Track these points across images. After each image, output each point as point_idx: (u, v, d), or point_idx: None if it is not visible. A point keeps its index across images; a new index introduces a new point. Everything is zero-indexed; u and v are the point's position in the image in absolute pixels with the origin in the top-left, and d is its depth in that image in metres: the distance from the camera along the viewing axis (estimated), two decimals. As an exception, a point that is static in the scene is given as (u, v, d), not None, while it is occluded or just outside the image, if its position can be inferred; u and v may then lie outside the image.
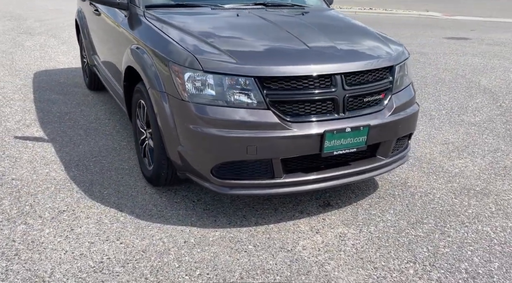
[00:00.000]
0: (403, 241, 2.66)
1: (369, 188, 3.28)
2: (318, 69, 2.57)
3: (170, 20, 3.03)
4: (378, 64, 2.78)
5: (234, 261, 2.42)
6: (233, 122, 2.48)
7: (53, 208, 2.89)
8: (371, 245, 2.60)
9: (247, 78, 2.47)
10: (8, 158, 3.62)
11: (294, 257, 2.48)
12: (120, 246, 2.52)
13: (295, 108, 2.56)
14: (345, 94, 2.63)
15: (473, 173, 3.58)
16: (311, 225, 2.79)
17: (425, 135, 4.42)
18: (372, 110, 2.77)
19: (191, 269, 2.35)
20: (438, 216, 2.93)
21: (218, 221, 2.80)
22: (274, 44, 2.81)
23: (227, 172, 2.60)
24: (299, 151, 2.57)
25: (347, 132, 2.61)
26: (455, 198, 3.16)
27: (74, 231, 2.65)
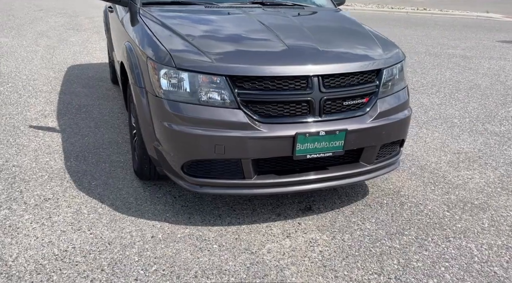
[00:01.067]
0: (375, 251, 2.55)
1: (358, 194, 3.17)
2: (293, 70, 2.51)
3: (159, 17, 3.07)
4: (362, 67, 2.68)
5: (194, 259, 2.42)
6: (204, 121, 2.48)
7: (40, 196, 3.00)
8: (339, 253, 2.52)
9: (219, 77, 2.46)
10: (16, 146, 3.81)
11: (256, 259, 2.44)
12: (89, 236, 2.58)
13: (267, 109, 2.52)
14: (322, 96, 2.55)
15: (477, 186, 3.37)
16: (284, 229, 2.73)
17: (439, 143, 4.21)
18: (353, 114, 2.67)
19: (148, 264, 2.37)
20: (422, 228, 2.79)
21: (192, 219, 2.80)
22: (253, 44, 2.78)
23: (198, 170, 2.60)
24: (269, 153, 2.53)
25: (321, 135, 2.53)
26: (447, 211, 3.00)
27: (51, 219, 2.74)
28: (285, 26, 3.04)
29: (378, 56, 2.81)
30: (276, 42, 2.72)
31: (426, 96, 5.87)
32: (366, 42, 3.01)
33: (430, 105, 5.49)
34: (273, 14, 3.31)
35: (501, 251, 2.58)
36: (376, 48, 2.89)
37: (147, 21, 3.03)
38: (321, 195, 3.13)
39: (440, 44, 10.20)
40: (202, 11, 3.30)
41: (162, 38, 2.72)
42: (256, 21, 3.02)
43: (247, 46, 2.74)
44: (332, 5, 3.88)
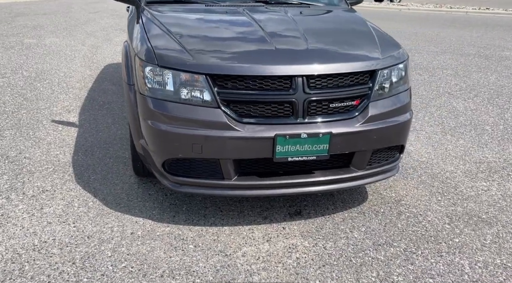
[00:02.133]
0: (355, 262, 2.42)
1: (354, 201, 3.03)
2: (275, 70, 2.43)
3: (157, 15, 3.08)
4: (352, 68, 2.55)
5: (165, 258, 2.40)
6: (184, 119, 2.46)
7: (39, 187, 3.11)
8: (317, 261, 2.41)
9: (199, 75, 2.43)
10: (33, 139, 3.97)
11: (228, 262, 2.38)
12: (71, 229, 2.64)
13: (248, 109, 2.46)
14: (306, 98, 2.45)
15: (490, 199, 3.12)
16: (266, 232, 2.66)
17: (461, 151, 3.95)
18: (340, 117, 2.55)
19: (119, 260, 2.38)
20: (414, 240, 2.61)
21: (176, 217, 2.79)
22: (240, 43, 2.72)
23: (179, 169, 2.58)
24: (248, 154, 2.47)
25: (303, 138, 2.43)
26: (448, 224, 2.79)
27: (42, 210, 2.82)
28: (279, 26, 2.96)
29: (374, 57, 2.66)
30: (264, 42, 2.65)
31: (461, 101, 5.54)
32: (364, 42, 2.87)
33: (463, 110, 5.18)
34: (273, 13, 3.23)
35: (496, 271, 2.36)
36: (374, 48, 2.75)
37: (145, 19, 3.05)
38: (315, 199, 3.02)
39: (494, 46, 9.62)
40: (201, 10, 3.29)
41: (152, 36, 2.73)
42: (250, 20, 2.95)
43: (233, 45, 2.69)
44: (344, 4, 3.73)
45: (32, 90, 5.53)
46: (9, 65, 6.75)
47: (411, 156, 3.78)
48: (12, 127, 4.25)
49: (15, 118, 4.50)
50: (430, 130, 4.45)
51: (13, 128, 4.21)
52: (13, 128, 4.21)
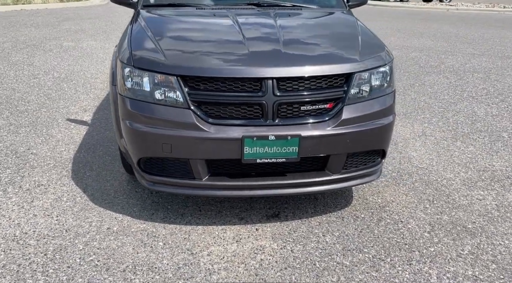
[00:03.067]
0: (319, 266, 2.39)
1: (336, 205, 3.00)
2: (245, 72, 2.45)
3: (147, 18, 3.17)
4: (326, 70, 2.52)
5: (133, 254, 2.48)
6: (156, 119, 2.52)
7: (36, 182, 3.28)
8: (280, 263, 2.40)
9: (171, 77, 2.49)
10: (45, 136, 4.19)
11: (192, 261, 2.42)
12: (53, 222, 2.77)
13: (218, 110, 2.49)
14: (275, 100, 2.46)
15: (482, 208, 2.99)
16: (238, 233, 2.68)
17: (467, 158, 3.80)
18: (311, 120, 2.53)
19: (88, 254, 2.47)
20: (386, 247, 2.55)
21: (154, 215, 2.87)
22: (216, 46, 2.76)
23: (153, 167, 2.65)
24: (217, 155, 2.50)
25: (271, 140, 2.44)
26: (427, 232, 2.70)
27: (32, 203, 2.98)
28: (260, 29, 2.97)
29: (350, 60, 2.62)
30: (239, 44, 2.67)
31: (483, 106, 5.31)
32: (345, 45, 2.83)
33: (483, 115, 4.96)
34: (260, 16, 3.24)
35: (465, 283, 2.27)
36: (353, 51, 2.70)
37: (135, 22, 3.15)
38: (296, 202, 3.01)
39: (537, 50, 9.13)
40: (192, 13, 3.35)
41: (134, 38, 2.82)
42: (233, 23, 2.98)
43: (208, 47, 2.73)
44: (340, 7, 3.68)
45: (58, 90, 5.81)
46: (43, 67, 7.12)
47: (410, 162, 3.68)
48: (29, 124, 4.49)
49: (34, 116, 4.75)
50: (440, 136, 4.31)
51: (29, 126, 4.45)
52: (29, 126, 4.45)
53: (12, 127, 4.41)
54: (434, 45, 9.77)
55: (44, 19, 13.21)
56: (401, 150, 3.93)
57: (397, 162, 3.68)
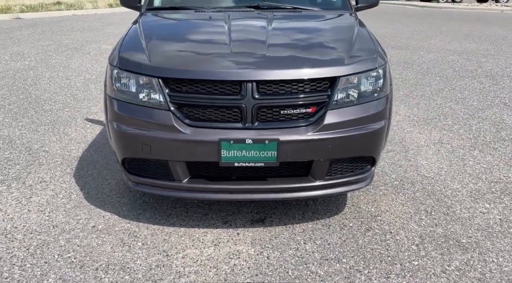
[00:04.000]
0: (291, 274, 2.33)
1: (326, 212, 2.91)
2: (225, 75, 2.43)
3: (145, 21, 3.22)
4: (307, 74, 2.45)
5: (109, 253, 2.51)
6: (138, 120, 2.55)
7: (40, 178, 3.40)
8: (252, 270, 2.36)
9: (153, 78, 2.51)
10: (60, 134, 4.35)
11: (165, 263, 2.43)
12: (44, 218, 2.85)
13: (197, 113, 2.48)
14: (255, 103, 2.42)
15: (483, 222, 2.82)
16: (217, 237, 2.66)
17: (481, 168, 3.60)
18: (292, 124, 2.48)
19: (67, 250, 2.53)
20: (367, 259, 2.45)
21: (141, 215, 2.90)
22: (200, 48, 2.76)
23: (136, 168, 2.68)
24: (195, 157, 2.49)
25: (248, 144, 2.40)
26: (415, 245, 2.57)
27: (30, 199, 3.09)
28: (250, 32, 2.94)
29: (337, 63, 2.54)
30: (223, 47, 2.65)
31: (513, 114, 5.01)
32: (335, 48, 2.75)
33: (511, 124, 4.68)
34: (254, 19, 3.21)
35: (443, 301, 2.13)
36: (342, 55, 2.62)
37: (134, 25, 3.20)
38: (286, 207, 2.95)
39: None
40: (188, 16, 3.37)
41: (125, 41, 2.87)
42: (224, 25, 2.96)
43: (192, 49, 2.74)
44: (344, 9, 3.57)
45: (84, 91, 6.01)
46: (78, 69, 7.41)
47: (417, 171, 3.52)
48: (49, 123, 4.67)
49: (56, 115, 4.94)
50: (457, 144, 4.10)
51: (49, 124, 4.63)
52: (49, 124, 4.63)
53: (34, 125, 4.60)
54: (476, 48, 9.34)
55: (90, 24, 13.76)
56: (410, 158, 3.76)
57: (403, 170, 3.53)
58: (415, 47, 9.67)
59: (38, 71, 7.13)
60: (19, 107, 5.25)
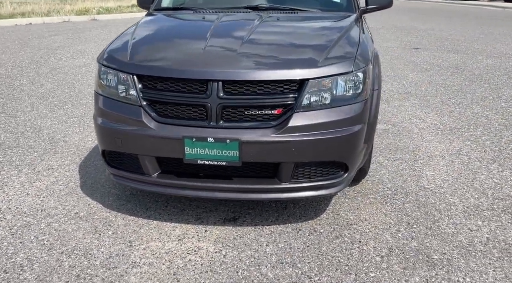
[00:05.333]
0: (240, 274, 2.33)
1: (302, 217, 2.87)
2: (192, 74, 2.48)
3: (145, 21, 3.35)
4: (275, 75, 2.44)
5: (80, 239, 2.65)
6: (114, 115, 2.67)
7: (49, 165, 3.66)
8: (204, 267, 2.39)
9: (128, 75, 2.63)
10: (84, 126, 4.63)
11: (125, 252, 2.52)
12: (37, 202, 3.07)
13: (166, 109, 2.56)
14: (219, 103, 2.46)
15: (468, 240, 2.64)
16: (185, 232, 2.71)
17: (493, 183, 3.36)
18: (256, 125, 2.48)
19: (44, 233, 2.70)
20: (323, 266, 2.39)
21: (124, 206, 3.02)
22: (178, 47, 2.83)
23: (114, 160, 2.81)
24: (160, 152, 2.57)
25: (210, 142, 2.44)
26: (380, 256, 2.47)
27: (33, 184, 3.33)
28: (232, 31, 2.97)
29: (307, 65, 2.50)
30: (198, 47, 2.70)
31: (555, 127, 4.59)
32: (312, 50, 2.68)
33: (547, 137, 4.30)
34: (245, 19, 3.21)
35: (384, 316, 2.03)
36: (316, 57, 2.56)
37: (133, 25, 3.34)
38: (263, 208, 2.94)
39: None
40: (185, 17, 3.45)
41: (116, 40, 3.01)
42: (210, 25, 3.01)
43: (171, 48, 2.81)
44: (349, 10, 3.47)
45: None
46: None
47: (418, 181, 3.35)
48: (80, 116, 4.98)
49: (89, 109, 5.25)
50: (476, 156, 3.84)
51: (79, 117, 4.94)
52: (79, 117, 4.94)
53: (65, 117, 4.93)
54: (543, 56, 8.61)
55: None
56: (416, 168, 3.59)
57: (402, 180, 3.37)
58: (474, 52, 9.11)
59: (90, 68, 7.59)
60: (60, 100, 5.63)
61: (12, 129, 4.49)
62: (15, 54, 8.44)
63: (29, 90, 6.01)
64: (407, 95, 5.84)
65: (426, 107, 5.30)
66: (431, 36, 11.65)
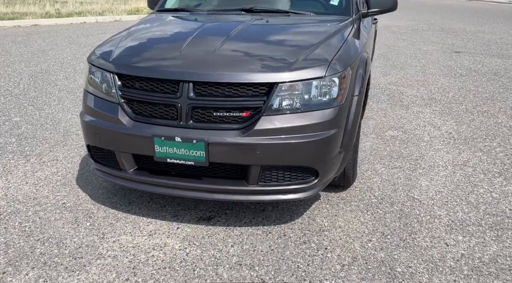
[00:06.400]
0: (195, 273, 2.38)
1: (278, 220, 2.86)
2: (164, 74, 2.55)
3: (142, 21, 3.46)
4: (244, 78, 2.46)
5: (58, 228, 2.79)
6: (96, 112, 2.80)
7: (55, 156, 3.85)
8: (164, 263, 2.45)
9: (109, 74, 2.74)
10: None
11: (95, 244, 2.62)
12: (32, 191, 3.25)
13: (140, 108, 2.64)
14: (189, 103, 2.52)
15: (439, 255, 2.54)
16: (158, 228, 2.79)
17: (489, 197, 3.20)
18: (223, 127, 2.51)
19: (28, 220, 2.86)
20: (281, 270, 2.38)
21: (109, 199, 3.14)
22: (159, 47, 2.90)
23: (96, 155, 2.93)
24: (134, 149, 2.65)
25: (177, 141, 2.50)
26: (341, 265, 2.43)
27: (35, 173, 3.53)
28: (215, 33, 3.00)
29: (278, 69, 2.49)
30: (177, 48, 2.75)
31: None
32: (287, 54, 2.66)
33: None
34: (234, 21, 3.23)
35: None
36: (290, 61, 2.55)
37: (131, 25, 3.46)
38: (240, 210, 2.97)
39: None
40: (181, 17, 3.52)
41: (107, 39, 3.14)
42: (197, 27, 3.06)
43: (152, 48, 2.88)
44: (345, 14, 3.40)
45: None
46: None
47: (409, 192, 3.25)
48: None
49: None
50: (483, 168, 3.67)
51: (98, 111, 5.14)
52: (98, 111, 5.14)
53: (86, 111, 5.15)
54: None
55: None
56: (412, 177, 3.48)
57: (393, 189, 3.28)
58: (522, 58, 8.62)
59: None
60: (86, 94, 5.88)
61: (34, 121, 4.75)
62: (61, 51, 8.89)
63: (62, 85, 6.33)
64: (431, 101, 5.63)
65: (446, 115, 5.09)
66: (479, 39, 11.12)
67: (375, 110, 5.23)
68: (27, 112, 5.04)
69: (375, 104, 5.48)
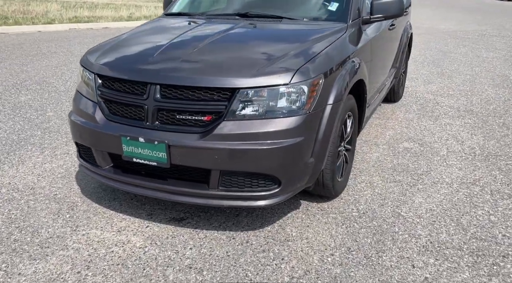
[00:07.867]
0: (143, 272, 2.42)
1: (247, 226, 2.84)
2: (133, 75, 2.64)
3: (143, 25, 3.58)
4: (206, 82, 2.49)
5: (40, 217, 2.95)
6: (79, 110, 2.95)
7: (67, 151, 4.07)
8: (120, 260, 2.52)
9: (90, 74, 2.88)
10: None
11: (65, 235, 2.74)
12: (34, 181, 3.47)
13: (114, 107, 2.75)
14: (155, 105, 2.58)
15: (398, 276, 2.40)
16: (128, 225, 2.87)
17: (485, 220, 2.97)
18: (185, 129, 2.54)
19: (17, 209, 3.05)
20: (227, 276, 2.37)
21: (97, 194, 3.28)
22: (139, 50, 2.98)
23: (81, 152, 3.08)
24: (103, 147, 2.77)
25: (141, 142, 2.58)
26: (290, 277, 2.36)
27: (43, 165, 3.77)
28: (196, 37, 3.03)
29: (241, 75, 2.49)
30: (154, 51, 2.82)
31: None
32: (257, 59, 2.65)
33: None
34: (222, 26, 3.23)
35: None
36: (257, 67, 2.52)
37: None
38: (214, 213, 2.98)
39: None
40: (177, 22, 3.59)
41: (102, 42, 3.28)
42: (178, 33, 3.10)
43: (133, 51, 2.97)
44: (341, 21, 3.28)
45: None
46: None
47: (396, 208, 3.09)
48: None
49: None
50: (491, 189, 3.40)
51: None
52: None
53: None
54: None
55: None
56: (407, 193, 3.30)
57: (380, 204, 3.14)
58: None
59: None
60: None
61: (65, 116, 5.06)
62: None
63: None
64: (466, 113, 5.29)
65: (477, 128, 4.76)
66: (551, 49, 10.24)
67: (399, 119, 5.00)
68: (62, 108, 5.37)
69: (402, 113, 5.24)
